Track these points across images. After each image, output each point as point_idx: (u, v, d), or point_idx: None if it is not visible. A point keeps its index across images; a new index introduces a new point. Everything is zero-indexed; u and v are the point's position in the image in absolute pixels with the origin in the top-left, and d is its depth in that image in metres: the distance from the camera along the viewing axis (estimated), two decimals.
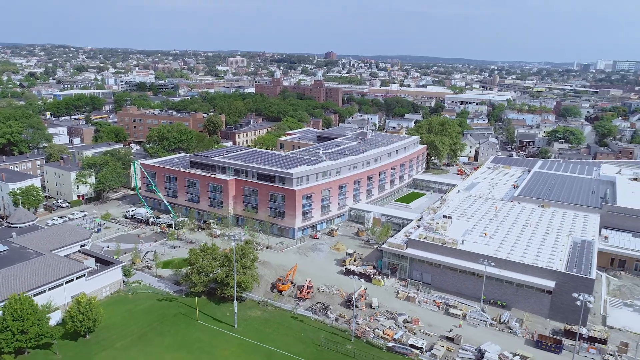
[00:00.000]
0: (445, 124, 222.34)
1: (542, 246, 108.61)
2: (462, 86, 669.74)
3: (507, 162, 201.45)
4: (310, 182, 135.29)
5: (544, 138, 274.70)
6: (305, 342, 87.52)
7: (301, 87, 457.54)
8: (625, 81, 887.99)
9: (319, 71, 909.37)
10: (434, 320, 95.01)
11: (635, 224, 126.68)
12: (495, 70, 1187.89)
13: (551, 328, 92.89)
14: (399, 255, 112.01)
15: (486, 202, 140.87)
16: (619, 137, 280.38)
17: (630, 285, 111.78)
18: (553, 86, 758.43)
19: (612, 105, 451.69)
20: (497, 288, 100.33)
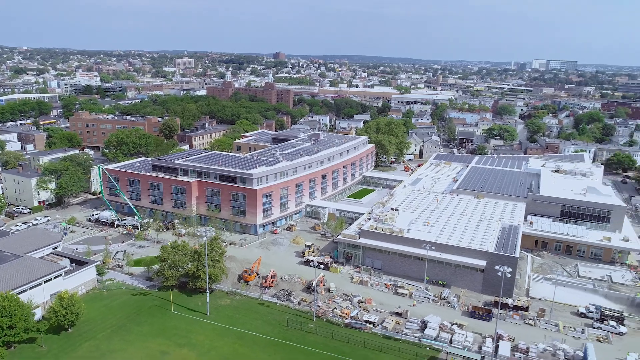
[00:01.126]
0: (391, 124, 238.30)
1: (476, 232, 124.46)
2: (408, 86, 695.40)
3: (448, 158, 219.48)
4: (270, 182, 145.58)
5: (482, 135, 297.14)
6: (272, 324, 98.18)
7: (253, 89, 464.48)
8: (557, 80, 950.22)
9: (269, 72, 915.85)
10: (384, 299, 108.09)
11: (555, 210, 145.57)
12: (439, 69, 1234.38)
13: (484, 301, 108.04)
14: (352, 245, 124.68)
15: (429, 196, 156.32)
16: (547, 133, 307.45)
17: (550, 262, 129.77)
18: (492, 85, 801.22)
19: (544, 103, 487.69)
20: (438, 269, 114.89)
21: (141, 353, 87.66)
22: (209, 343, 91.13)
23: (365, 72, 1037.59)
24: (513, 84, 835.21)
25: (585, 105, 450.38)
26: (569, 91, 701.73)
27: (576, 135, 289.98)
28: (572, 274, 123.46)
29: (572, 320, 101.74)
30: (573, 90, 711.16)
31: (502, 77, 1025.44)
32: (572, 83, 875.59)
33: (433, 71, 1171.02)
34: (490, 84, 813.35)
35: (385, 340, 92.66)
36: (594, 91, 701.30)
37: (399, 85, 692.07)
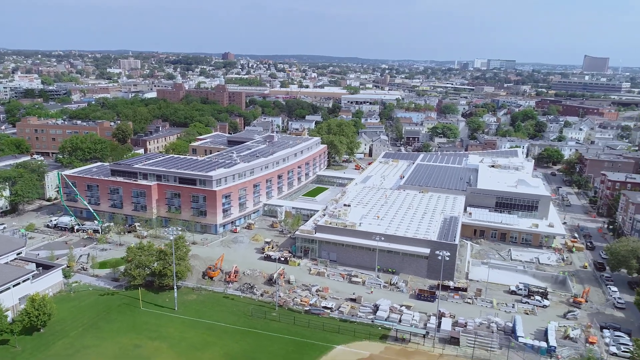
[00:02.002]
0: (342, 125, 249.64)
1: (421, 223, 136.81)
2: (357, 86, 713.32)
3: (396, 156, 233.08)
4: (228, 183, 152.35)
5: (427, 134, 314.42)
6: (237, 314, 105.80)
7: (204, 91, 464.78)
8: (497, 79, 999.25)
9: (218, 72, 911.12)
10: (340, 287, 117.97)
11: (491, 201, 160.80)
12: (387, 69, 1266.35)
13: (429, 284, 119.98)
14: (309, 240, 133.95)
15: (379, 192, 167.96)
16: (486, 130, 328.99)
17: (487, 249, 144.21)
18: (437, 84, 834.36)
19: (484, 102, 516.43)
20: (387, 258, 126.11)
21: (115, 347, 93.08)
22: (180, 335, 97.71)
23: (315, 72, 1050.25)
24: (456, 83, 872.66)
25: (521, 104, 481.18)
26: (507, 89, 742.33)
27: (512, 132, 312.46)
28: (506, 257, 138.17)
29: (505, 297, 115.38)
30: (511, 89, 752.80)
31: (447, 77, 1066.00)
32: (510, 82, 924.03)
33: (381, 71, 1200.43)
34: (435, 83, 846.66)
35: (342, 323, 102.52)
36: (530, 89, 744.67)
37: (349, 86, 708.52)
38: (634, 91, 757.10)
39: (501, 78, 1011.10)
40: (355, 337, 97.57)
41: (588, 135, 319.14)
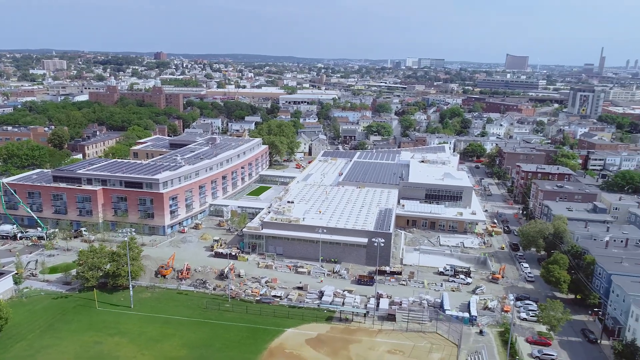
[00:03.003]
0: (282, 126, 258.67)
1: (359, 215, 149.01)
2: (294, 86, 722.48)
3: (334, 155, 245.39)
4: (175, 185, 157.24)
5: (363, 132, 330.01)
6: (192, 308, 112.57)
7: (140, 93, 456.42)
8: (427, 77, 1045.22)
9: (152, 73, 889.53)
10: (287, 278, 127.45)
11: (421, 194, 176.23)
12: (323, 68, 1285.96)
13: (368, 270, 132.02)
14: (256, 236, 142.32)
15: (319, 188, 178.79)
16: (417, 128, 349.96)
17: (418, 237, 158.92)
18: (371, 83, 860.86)
19: (416, 100, 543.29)
20: (330, 249, 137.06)
21: (75, 345, 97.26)
22: (138, 329, 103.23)
23: (251, 72, 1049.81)
24: (389, 82, 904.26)
25: (449, 102, 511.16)
26: (437, 88, 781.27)
27: (441, 129, 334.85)
28: (435, 243, 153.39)
29: (434, 278, 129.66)
30: (441, 87, 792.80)
31: (380, 76, 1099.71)
32: (440, 80, 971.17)
33: (317, 70, 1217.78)
34: (370, 82, 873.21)
35: (291, 309, 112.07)
36: (457, 87, 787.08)
37: (286, 85, 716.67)
38: (549, 88, 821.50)
39: (431, 77, 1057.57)
40: (304, 320, 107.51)
41: (508, 130, 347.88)
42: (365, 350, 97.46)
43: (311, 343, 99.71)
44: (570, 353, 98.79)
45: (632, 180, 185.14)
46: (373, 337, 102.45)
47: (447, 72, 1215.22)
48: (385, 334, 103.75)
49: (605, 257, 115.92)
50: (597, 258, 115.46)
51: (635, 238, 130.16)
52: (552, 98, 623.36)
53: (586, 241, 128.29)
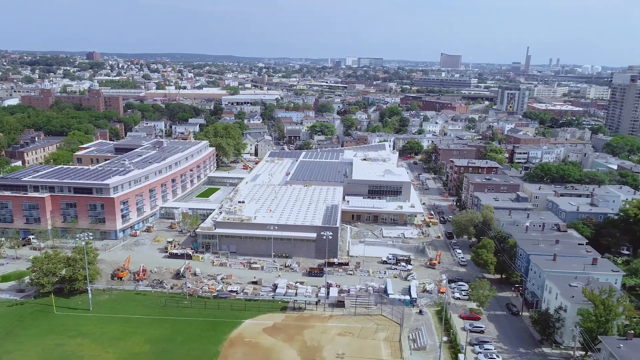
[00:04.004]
0: (228, 128, 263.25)
1: (307, 212, 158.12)
2: (236, 86, 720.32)
3: (281, 155, 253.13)
4: (125, 190, 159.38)
5: (307, 132, 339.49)
6: (151, 307, 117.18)
7: (77, 96, 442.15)
8: (367, 76, 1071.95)
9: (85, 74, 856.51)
10: (242, 274, 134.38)
11: (364, 190, 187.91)
12: (264, 68, 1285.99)
13: (317, 263, 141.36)
14: (209, 236, 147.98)
15: (268, 188, 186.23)
16: (359, 127, 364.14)
17: (363, 230, 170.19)
18: (313, 83, 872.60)
19: (356, 99, 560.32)
20: (281, 245, 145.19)
21: (37, 348, 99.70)
22: (99, 330, 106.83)
23: (191, 72, 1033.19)
24: (331, 81, 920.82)
25: (388, 101, 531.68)
26: (376, 87, 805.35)
27: (381, 127, 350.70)
28: (378, 235, 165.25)
29: (378, 266, 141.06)
30: (380, 86, 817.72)
31: (321, 75, 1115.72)
32: (379, 79, 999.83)
33: (258, 70, 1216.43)
34: (311, 82, 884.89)
35: (248, 302, 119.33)
36: (395, 86, 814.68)
37: (227, 86, 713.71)
38: (480, 86, 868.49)
39: (371, 76, 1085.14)
40: (260, 311, 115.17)
41: (443, 127, 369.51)
42: (318, 335, 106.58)
43: (268, 331, 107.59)
44: (496, 325, 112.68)
45: (550, 171, 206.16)
46: (325, 322, 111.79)
47: (385, 71, 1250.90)
48: (336, 319, 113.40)
49: (525, 240, 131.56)
50: (519, 241, 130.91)
51: (550, 222, 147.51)
52: (483, 96, 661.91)
53: (510, 227, 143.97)
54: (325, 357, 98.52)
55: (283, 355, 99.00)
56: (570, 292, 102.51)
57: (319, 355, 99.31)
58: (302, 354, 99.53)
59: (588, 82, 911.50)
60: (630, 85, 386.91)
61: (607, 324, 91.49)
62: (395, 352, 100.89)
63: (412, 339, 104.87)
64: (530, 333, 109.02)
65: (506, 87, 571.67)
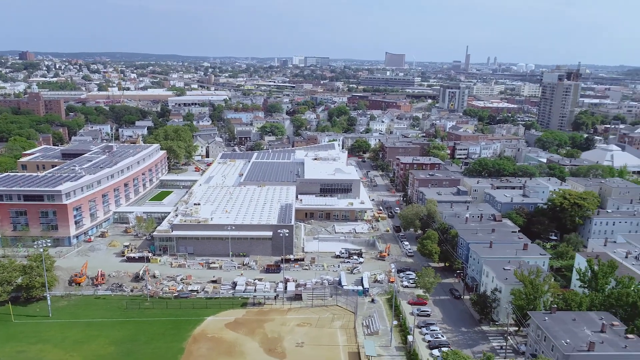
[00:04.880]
0: (179, 131, 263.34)
1: (263, 211, 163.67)
2: (182, 87, 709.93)
3: (233, 156, 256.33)
4: (78, 196, 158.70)
5: (257, 133, 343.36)
6: (112, 310, 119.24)
7: (14, 100, 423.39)
8: (314, 76, 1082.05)
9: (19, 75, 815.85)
10: (201, 274, 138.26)
11: (316, 188, 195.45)
12: (209, 67, 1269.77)
13: (274, 260, 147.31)
14: (166, 238, 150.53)
15: (223, 189, 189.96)
16: (308, 127, 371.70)
17: (316, 227, 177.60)
18: (260, 82, 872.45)
19: (305, 99, 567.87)
20: (238, 244, 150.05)
21: None
22: (61, 335, 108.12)
23: (134, 72, 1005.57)
24: (278, 81, 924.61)
25: (336, 100, 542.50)
26: (324, 86, 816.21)
27: (330, 127, 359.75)
28: (331, 231, 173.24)
29: (332, 261, 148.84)
30: (327, 85, 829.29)
31: (269, 74, 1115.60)
32: (326, 78, 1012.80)
33: (204, 69, 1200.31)
34: (259, 82, 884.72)
35: (209, 300, 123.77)
36: (343, 85, 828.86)
37: (173, 87, 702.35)
38: (424, 84, 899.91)
39: (318, 75, 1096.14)
40: (221, 308, 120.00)
41: (389, 126, 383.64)
42: (278, 327, 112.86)
43: (230, 326, 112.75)
44: (441, 308, 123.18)
45: (487, 166, 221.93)
46: (284, 315, 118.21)
47: (332, 70, 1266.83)
48: (294, 311, 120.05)
49: (465, 230, 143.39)
50: (459, 232, 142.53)
51: (487, 213, 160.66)
52: (427, 94, 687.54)
53: (451, 219, 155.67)
54: (285, 347, 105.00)
55: (246, 348, 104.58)
56: (504, 275, 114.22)
57: (280, 345, 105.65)
58: (263, 345, 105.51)
59: (522, 80, 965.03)
60: (558, 84, 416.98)
61: (535, 301, 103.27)
62: (351, 338, 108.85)
63: (366, 325, 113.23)
64: (470, 314, 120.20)
65: (447, 86, 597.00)
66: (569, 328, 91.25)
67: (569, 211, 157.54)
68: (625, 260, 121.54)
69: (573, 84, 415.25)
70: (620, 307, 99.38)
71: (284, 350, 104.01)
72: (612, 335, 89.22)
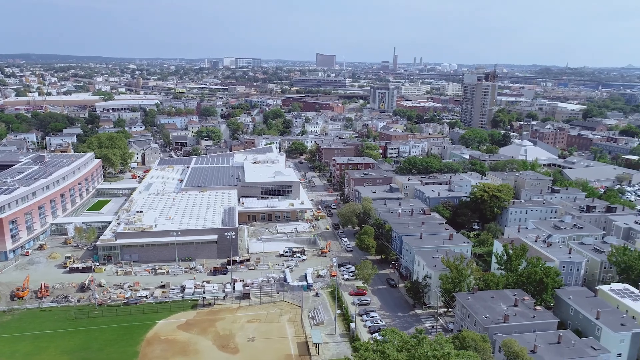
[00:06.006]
0: (113, 138, 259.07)
1: (207, 216, 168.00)
2: (109, 91, 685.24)
3: (171, 162, 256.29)
4: (13, 209, 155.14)
5: (194, 137, 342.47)
6: (60, 321, 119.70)
7: None
8: (246, 77, 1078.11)
9: None
10: (148, 280, 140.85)
11: (257, 191, 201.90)
12: (137, 70, 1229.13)
13: (220, 262, 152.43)
14: (110, 247, 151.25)
15: (164, 196, 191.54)
16: (245, 130, 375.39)
17: (259, 228, 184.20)
18: (191, 85, 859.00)
19: (239, 102, 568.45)
20: (184, 249, 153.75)
21: None
22: (9, 349, 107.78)
23: (54, 76, 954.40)
24: (210, 83, 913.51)
25: (270, 103, 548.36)
26: (257, 88, 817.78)
27: (266, 130, 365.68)
28: (274, 232, 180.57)
29: (277, 260, 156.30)
30: (260, 87, 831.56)
31: (200, 77, 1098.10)
32: (259, 80, 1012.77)
33: (131, 72, 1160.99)
34: (190, 84, 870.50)
35: (159, 305, 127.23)
36: (276, 87, 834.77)
37: (99, 91, 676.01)
38: (355, 85, 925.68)
39: (250, 77, 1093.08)
40: (172, 311, 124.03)
41: (323, 127, 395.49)
42: (229, 324, 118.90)
43: (182, 327, 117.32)
44: (379, 297, 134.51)
45: (416, 164, 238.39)
46: (234, 313, 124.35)
47: (264, 71, 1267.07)
48: (244, 309, 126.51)
49: (398, 224, 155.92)
50: (393, 226, 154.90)
51: (418, 208, 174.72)
52: (358, 95, 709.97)
53: (385, 214, 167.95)
54: (238, 342, 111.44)
55: (199, 346, 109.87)
56: (433, 262, 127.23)
57: (232, 341, 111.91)
58: (216, 343, 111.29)
59: (446, 80, 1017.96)
60: (477, 85, 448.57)
61: (460, 284, 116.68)
62: (298, 330, 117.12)
63: (312, 317, 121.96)
64: (405, 300, 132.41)
65: (377, 87, 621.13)
66: (488, 305, 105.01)
67: (489, 203, 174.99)
68: (535, 244, 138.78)
69: (491, 85, 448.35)
70: (529, 284, 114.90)
71: (236, 345, 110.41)
72: (523, 308, 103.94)
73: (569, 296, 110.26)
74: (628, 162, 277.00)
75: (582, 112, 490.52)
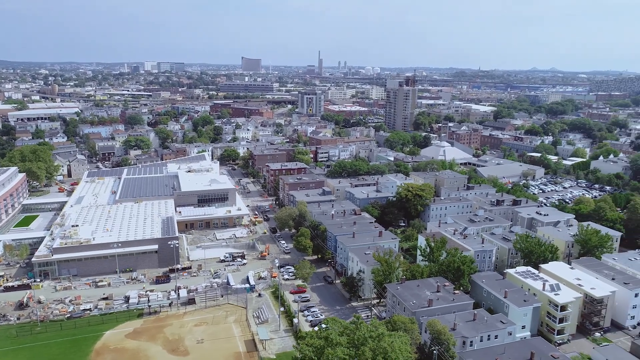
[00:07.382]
0: (37, 151, 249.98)
1: (145, 226, 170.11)
2: (21, 99, 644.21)
3: (101, 174, 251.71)
4: None
5: (122, 147, 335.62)
6: (1, 340, 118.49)
7: None
8: (170, 83, 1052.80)
9: None
10: (90, 293, 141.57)
11: (194, 200, 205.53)
12: (49, 75, 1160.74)
13: (162, 271, 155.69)
14: (46, 263, 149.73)
15: (98, 209, 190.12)
16: (175, 138, 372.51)
17: (198, 236, 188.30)
18: (112, 92, 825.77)
19: (165, 109, 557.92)
20: (125, 260, 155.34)
21: None
22: None
23: None
24: (132, 89, 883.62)
25: (199, 109, 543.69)
26: (183, 94, 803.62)
27: (196, 137, 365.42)
28: (213, 239, 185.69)
29: (218, 265, 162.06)
30: (186, 93, 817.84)
31: (120, 82, 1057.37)
32: (183, 85, 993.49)
33: (43, 78, 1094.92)
34: (111, 91, 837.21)
35: (104, 316, 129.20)
36: (202, 93, 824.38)
37: (10, 99, 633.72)
38: (282, 90, 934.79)
39: (174, 82, 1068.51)
40: (118, 321, 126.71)
41: (254, 133, 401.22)
42: (177, 329, 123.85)
43: (130, 336, 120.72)
44: (318, 293, 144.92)
45: (346, 167, 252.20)
46: (181, 319, 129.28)
47: (189, 76, 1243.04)
48: (190, 314, 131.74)
49: (332, 225, 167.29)
50: (327, 227, 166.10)
51: (349, 209, 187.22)
52: (286, 100, 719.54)
53: (320, 216, 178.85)
54: (187, 345, 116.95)
55: (150, 352, 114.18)
56: (366, 258, 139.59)
57: (181, 344, 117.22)
58: (166, 347, 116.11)
59: (370, 83, 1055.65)
60: (399, 90, 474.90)
61: (390, 276, 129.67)
62: (245, 329, 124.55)
63: (256, 317, 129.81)
64: (342, 294, 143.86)
65: (305, 92, 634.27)
66: (415, 292, 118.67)
67: (412, 201, 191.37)
68: (453, 236, 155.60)
69: (411, 89, 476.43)
70: (449, 272, 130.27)
71: (186, 348, 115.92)
72: (445, 293, 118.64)
73: (482, 280, 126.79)
74: (532, 159, 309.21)
75: (493, 114, 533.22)
